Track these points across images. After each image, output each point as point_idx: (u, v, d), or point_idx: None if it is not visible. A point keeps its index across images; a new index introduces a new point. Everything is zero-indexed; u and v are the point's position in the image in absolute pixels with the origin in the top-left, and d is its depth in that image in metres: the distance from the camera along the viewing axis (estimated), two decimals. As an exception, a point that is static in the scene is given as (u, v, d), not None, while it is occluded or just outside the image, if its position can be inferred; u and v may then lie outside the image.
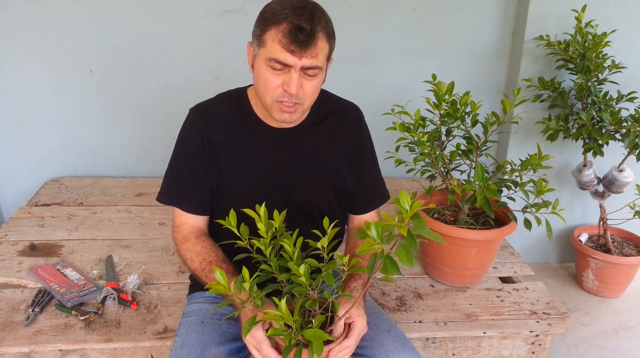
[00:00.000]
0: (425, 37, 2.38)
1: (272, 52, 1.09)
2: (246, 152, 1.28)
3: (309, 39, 1.07)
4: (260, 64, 1.13)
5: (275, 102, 1.15)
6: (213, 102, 1.32)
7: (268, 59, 1.10)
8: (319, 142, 1.32)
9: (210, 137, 1.27)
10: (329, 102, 1.35)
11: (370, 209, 1.42)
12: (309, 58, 1.09)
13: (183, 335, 1.23)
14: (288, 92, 1.12)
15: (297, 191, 1.31)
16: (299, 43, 1.07)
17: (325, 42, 1.11)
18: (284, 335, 0.97)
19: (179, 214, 1.31)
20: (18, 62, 2.23)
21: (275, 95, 1.14)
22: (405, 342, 1.23)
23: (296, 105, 1.16)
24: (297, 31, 1.06)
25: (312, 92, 1.17)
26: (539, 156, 1.52)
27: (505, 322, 1.56)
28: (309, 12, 1.08)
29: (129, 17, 2.22)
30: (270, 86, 1.13)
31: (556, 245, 2.65)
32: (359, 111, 1.39)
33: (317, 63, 1.11)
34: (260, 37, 1.11)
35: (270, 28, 1.09)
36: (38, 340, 1.36)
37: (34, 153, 2.39)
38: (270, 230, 1.02)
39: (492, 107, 2.36)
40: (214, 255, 1.24)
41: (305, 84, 1.13)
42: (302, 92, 1.14)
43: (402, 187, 2.46)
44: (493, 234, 1.61)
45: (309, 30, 1.07)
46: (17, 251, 1.81)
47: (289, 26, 1.06)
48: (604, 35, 2.07)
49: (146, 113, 2.38)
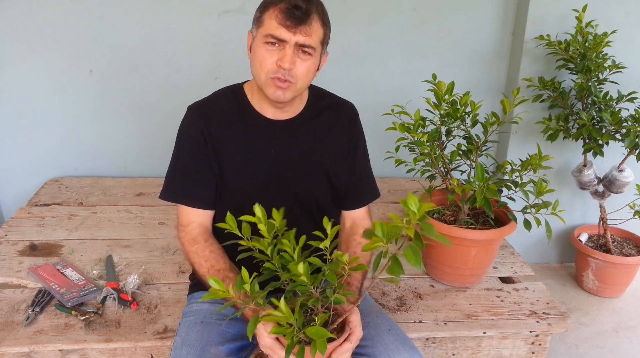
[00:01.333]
0: (425, 37, 2.38)
1: (268, 28, 1.15)
2: (245, 145, 1.30)
3: (304, 17, 1.14)
4: (258, 43, 1.19)
5: (269, 79, 1.19)
6: (210, 99, 1.35)
7: (264, 35, 1.16)
8: (314, 135, 1.34)
9: (209, 132, 1.28)
10: (324, 98, 1.39)
11: (359, 206, 1.43)
12: (303, 35, 1.15)
13: (183, 334, 1.23)
14: (282, 67, 1.16)
15: (294, 183, 1.33)
16: (294, 19, 1.13)
17: (320, 26, 1.18)
18: (287, 333, 0.97)
19: (185, 212, 1.32)
20: (18, 62, 2.23)
21: (269, 71, 1.18)
22: (406, 341, 1.23)
23: (289, 83, 1.19)
24: (293, 8, 1.13)
25: (305, 73, 1.20)
26: (539, 156, 1.52)
27: (505, 322, 1.56)
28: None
29: (129, 17, 2.22)
30: (265, 62, 1.18)
31: (556, 245, 2.65)
32: (354, 109, 1.41)
33: (311, 42, 1.16)
34: (259, 18, 1.18)
35: (268, 8, 1.16)
36: (38, 340, 1.36)
37: (34, 153, 2.39)
38: (272, 231, 1.03)
39: (492, 107, 2.35)
40: (222, 263, 1.25)
41: (298, 63, 1.18)
42: (295, 71, 1.18)
43: (402, 187, 2.46)
44: (493, 234, 1.61)
45: (304, 9, 1.14)
46: (17, 251, 1.81)
47: (286, 4, 1.14)
48: (605, 35, 2.07)
49: (146, 113, 2.38)
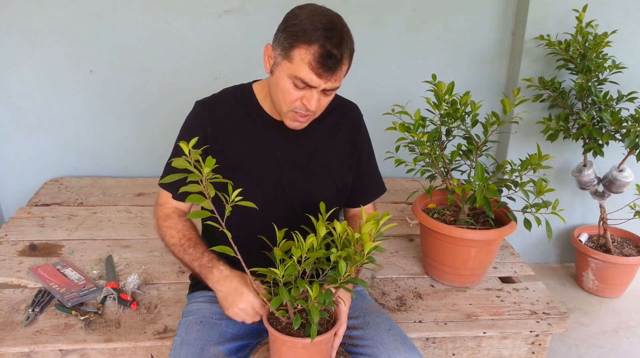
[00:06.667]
0: (425, 37, 2.38)
1: (299, 71, 1.12)
2: (251, 144, 1.31)
3: (337, 65, 1.12)
4: (283, 75, 1.15)
5: (291, 112, 1.20)
6: (218, 96, 1.35)
7: (294, 76, 1.13)
8: (320, 137, 1.35)
9: (215, 130, 1.29)
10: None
11: (365, 203, 1.47)
12: (332, 82, 1.15)
13: (182, 334, 1.24)
14: (307, 107, 1.17)
15: (299, 185, 1.33)
16: (327, 69, 1.11)
17: (347, 63, 1.17)
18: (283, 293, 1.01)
19: (165, 195, 1.36)
20: (18, 62, 2.23)
21: (292, 106, 1.19)
22: (406, 340, 1.24)
23: (309, 116, 1.22)
24: (327, 57, 1.09)
25: (326, 105, 1.23)
26: (539, 156, 1.52)
27: (505, 322, 1.56)
28: (339, 36, 1.11)
29: (129, 17, 2.22)
30: (290, 98, 1.17)
31: (556, 245, 2.65)
32: (358, 110, 1.43)
33: (338, 85, 1.18)
34: (288, 50, 1.12)
35: (299, 45, 1.10)
36: (38, 340, 1.36)
37: (34, 153, 2.39)
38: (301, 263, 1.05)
39: (492, 107, 2.36)
40: (194, 233, 1.31)
41: (322, 99, 1.19)
42: (317, 106, 1.19)
43: (402, 187, 2.46)
44: (493, 234, 1.61)
45: (339, 57, 1.11)
46: (17, 251, 1.81)
47: (320, 50, 1.09)
48: (605, 35, 2.07)
49: (146, 113, 2.38)
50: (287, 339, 1.05)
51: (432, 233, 1.65)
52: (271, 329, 1.06)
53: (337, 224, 1.05)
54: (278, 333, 1.05)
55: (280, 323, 1.09)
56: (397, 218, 2.19)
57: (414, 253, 1.92)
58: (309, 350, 1.06)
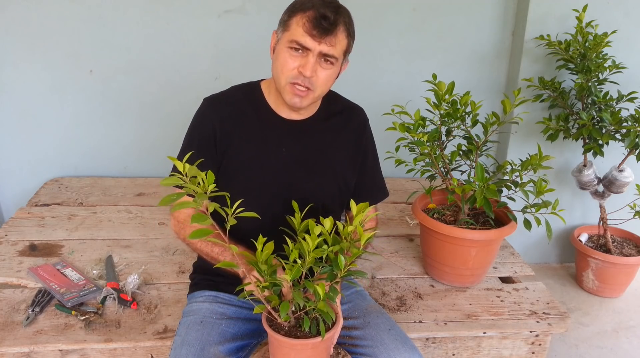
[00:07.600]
0: (425, 37, 2.38)
1: (294, 34, 1.17)
2: (257, 141, 1.31)
3: (331, 27, 1.15)
4: (282, 46, 1.20)
5: (289, 85, 1.21)
6: (226, 93, 1.36)
7: (289, 40, 1.18)
8: (325, 137, 1.36)
9: (222, 127, 1.30)
10: (337, 102, 1.41)
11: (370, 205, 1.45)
12: (327, 45, 1.16)
13: (182, 334, 1.24)
14: (303, 74, 1.18)
15: (303, 182, 1.34)
16: (320, 29, 1.15)
17: (344, 37, 1.19)
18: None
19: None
20: (18, 62, 2.23)
21: (290, 76, 1.20)
22: (406, 340, 1.24)
23: (308, 91, 1.21)
24: (321, 18, 1.14)
25: (324, 81, 1.23)
26: (539, 156, 1.52)
27: (505, 322, 1.56)
28: (336, 6, 1.18)
29: (129, 17, 2.22)
30: (287, 67, 1.19)
31: (556, 245, 2.65)
32: (364, 114, 1.44)
33: (334, 52, 1.18)
34: (286, 22, 1.19)
35: (296, 14, 1.17)
36: (38, 340, 1.37)
37: (34, 153, 2.39)
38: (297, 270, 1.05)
39: (492, 107, 2.35)
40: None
41: (319, 71, 1.20)
42: (315, 79, 1.20)
43: (402, 187, 2.46)
44: (493, 234, 1.61)
45: (332, 20, 1.15)
46: (17, 251, 1.81)
47: (315, 13, 1.15)
48: (605, 35, 2.07)
49: (146, 113, 2.38)
50: (297, 342, 1.04)
51: (432, 233, 1.65)
52: (277, 335, 1.04)
53: (326, 220, 1.04)
54: (285, 338, 1.04)
55: (283, 328, 1.08)
56: (397, 218, 2.19)
57: (414, 253, 1.92)
58: (317, 349, 1.06)
